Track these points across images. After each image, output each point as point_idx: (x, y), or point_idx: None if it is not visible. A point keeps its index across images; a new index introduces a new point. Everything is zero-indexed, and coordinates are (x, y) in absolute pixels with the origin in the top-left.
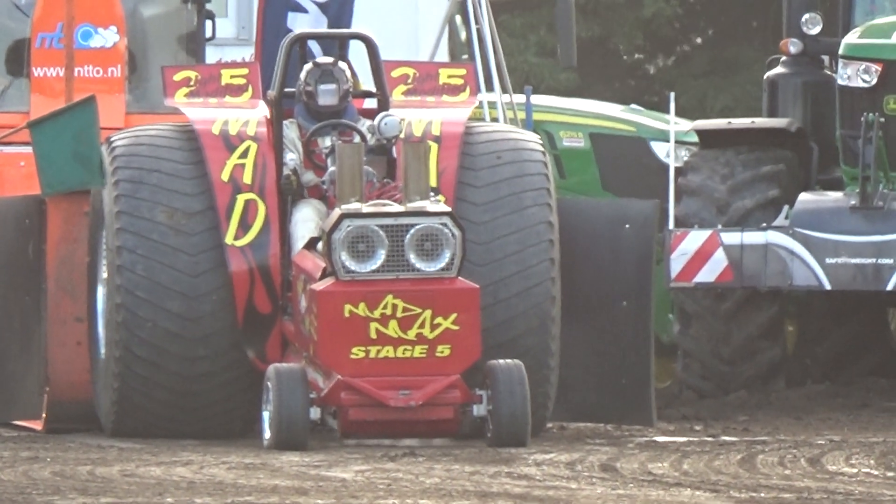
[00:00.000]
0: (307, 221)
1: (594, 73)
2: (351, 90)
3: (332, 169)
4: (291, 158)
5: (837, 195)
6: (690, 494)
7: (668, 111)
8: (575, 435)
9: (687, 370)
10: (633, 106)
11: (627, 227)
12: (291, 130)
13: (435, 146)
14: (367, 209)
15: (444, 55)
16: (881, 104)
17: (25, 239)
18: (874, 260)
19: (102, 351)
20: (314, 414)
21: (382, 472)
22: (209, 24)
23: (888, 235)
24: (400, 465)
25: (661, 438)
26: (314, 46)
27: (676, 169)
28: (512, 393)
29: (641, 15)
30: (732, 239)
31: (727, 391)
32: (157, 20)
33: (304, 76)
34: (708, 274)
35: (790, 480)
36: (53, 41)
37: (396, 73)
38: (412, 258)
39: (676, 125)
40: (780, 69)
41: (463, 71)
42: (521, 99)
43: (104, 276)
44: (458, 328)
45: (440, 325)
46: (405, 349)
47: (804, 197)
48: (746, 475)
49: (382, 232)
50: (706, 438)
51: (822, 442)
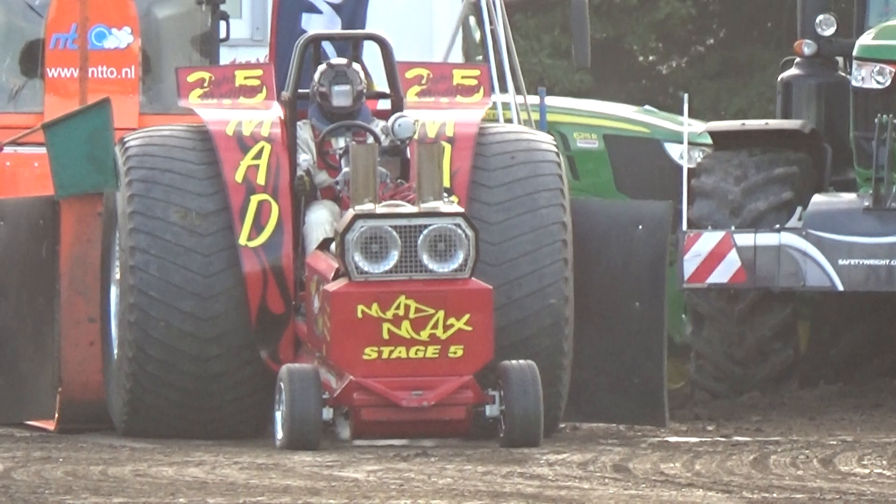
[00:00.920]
0: (321, 222)
1: (608, 74)
2: (365, 91)
3: (345, 170)
4: (305, 159)
5: (851, 196)
6: (703, 495)
7: (681, 112)
8: (587, 435)
9: (700, 371)
10: (646, 107)
11: (641, 228)
12: (305, 131)
13: (448, 147)
14: (380, 210)
15: (457, 56)
16: (895, 106)
17: (39, 240)
18: (887, 261)
19: (115, 351)
20: (327, 414)
21: (395, 472)
22: (223, 24)
23: None
24: (412, 465)
25: (673, 439)
26: (328, 47)
27: (690, 170)
28: (525, 393)
29: (655, 16)
30: (746, 240)
31: (740, 392)
32: (171, 21)
33: (317, 77)
34: (721, 275)
35: (803, 481)
36: (67, 42)
37: (410, 74)
38: (425, 259)
39: (690, 126)
40: (793, 70)
41: (477, 72)
42: (534, 100)
43: (117, 276)
44: (470, 329)
45: (453, 325)
46: (418, 350)
47: (817, 198)
48: (759, 476)
49: (396, 233)
50: (719, 439)
51: (834, 442)
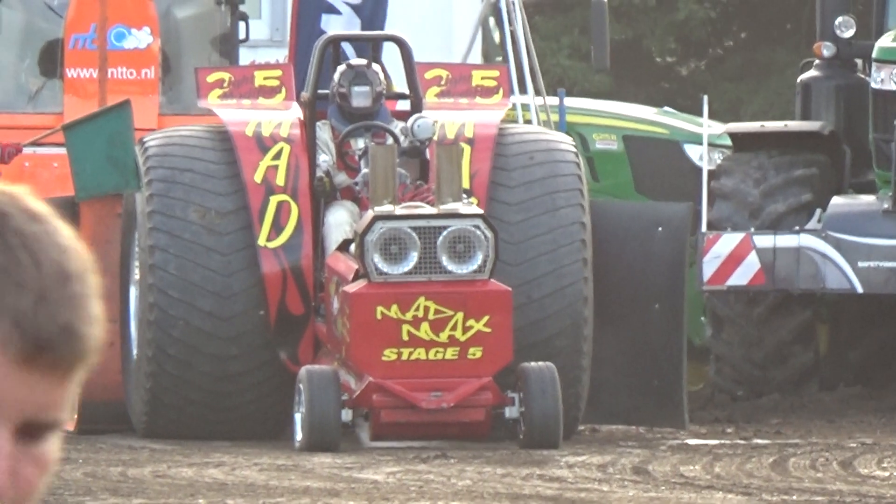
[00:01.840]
0: (340, 223)
1: (627, 75)
2: (384, 92)
3: (365, 170)
4: (324, 160)
5: (870, 198)
6: (722, 497)
7: (700, 114)
8: (607, 437)
9: (719, 374)
10: (666, 108)
11: (660, 229)
12: (324, 132)
13: (468, 148)
14: (399, 211)
15: (477, 57)
16: None
17: None
18: None
19: (135, 351)
20: (346, 416)
21: (414, 473)
22: (243, 25)
23: None
24: (431, 466)
25: (692, 441)
26: (347, 48)
27: (709, 172)
28: (544, 395)
29: (674, 18)
30: (765, 242)
31: (759, 395)
32: (190, 21)
33: (337, 78)
34: (740, 277)
35: (822, 483)
36: (87, 42)
37: (430, 74)
38: (444, 260)
39: (709, 128)
40: (813, 72)
41: (496, 73)
42: (554, 101)
43: (136, 277)
44: (490, 330)
45: (472, 327)
46: (437, 351)
47: (837, 200)
48: (778, 478)
49: (415, 234)
50: (738, 441)
51: (854, 445)
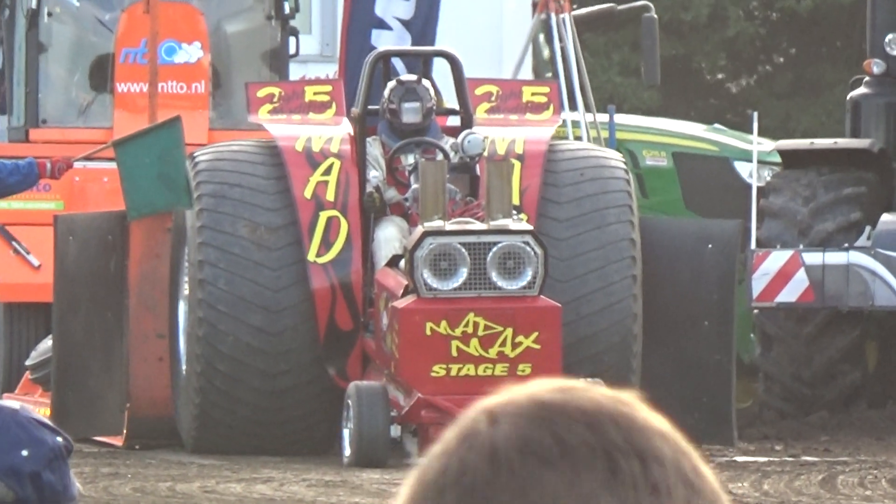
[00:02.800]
0: (390, 239)
1: (677, 92)
2: (434, 108)
3: (414, 186)
4: (374, 176)
5: None
6: None
7: (750, 131)
8: None
9: (768, 392)
10: (716, 125)
11: (710, 246)
12: (375, 148)
13: (518, 164)
14: (449, 227)
15: (527, 73)
16: None
17: (108, 255)
18: None
19: (184, 367)
20: (395, 432)
21: None
22: (293, 40)
23: None
24: None
25: (741, 458)
26: (398, 64)
27: (759, 189)
28: None
29: (724, 34)
30: (814, 259)
31: (808, 413)
32: (241, 36)
33: (387, 93)
34: (789, 294)
35: (871, 501)
36: (137, 57)
37: (480, 90)
38: (494, 276)
39: (759, 145)
40: (863, 89)
41: (546, 89)
42: (604, 118)
43: (185, 292)
44: (539, 347)
45: (521, 343)
46: (486, 367)
47: (886, 217)
48: (827, 496)
49: (465, 250)
50: (787, 459)
51: None
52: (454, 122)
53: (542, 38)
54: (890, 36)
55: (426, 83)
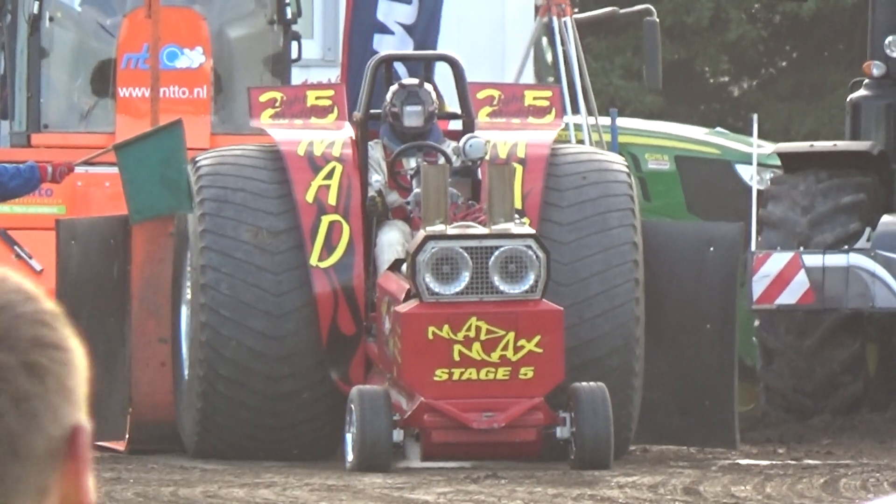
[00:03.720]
0: (392, 243)
1: (679, 95)
2: (436, 112)
3: (416, 190)
4: (377, 180)
5: None
6: None
7: (751, 134)
8: (658, 457)
9: (770, 403)
10: (718, 129)
11: (712, 249)
12: (377, 151)
13: (520, 168)
14: (451, 231)
15: (529, 77)
16: None
17: (110, 260)
18: None
19: (186, 371)
20: (397, 436)
21: (465, 493)
22: (295, 45)
23: None
24: (482, 487)
25: (744, 461)
26: (400, 68)
27: (759, 192)
28: (595, 415)
29: (726, 38)
30: (814, 261)
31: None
32: (243, 41)
33: (389, 97)
34: (790, 296)
35: None
36: (139, 62)
37: (482, 94)
38: (496, 280)
39: (760, 148)
40: (862, 91)
41: (548, 93)
42: (606, 121)
43: (188, 296)
44: (541, 350)
45: (524, 347)
46: (488, 371)
47: (886, 219)
48: (829, 499)
49: (467, 254)
50: (789, 462)
51: None
52: (456, 125)
53: (544, 41)
54: (890, 38)
55: (428, 87)
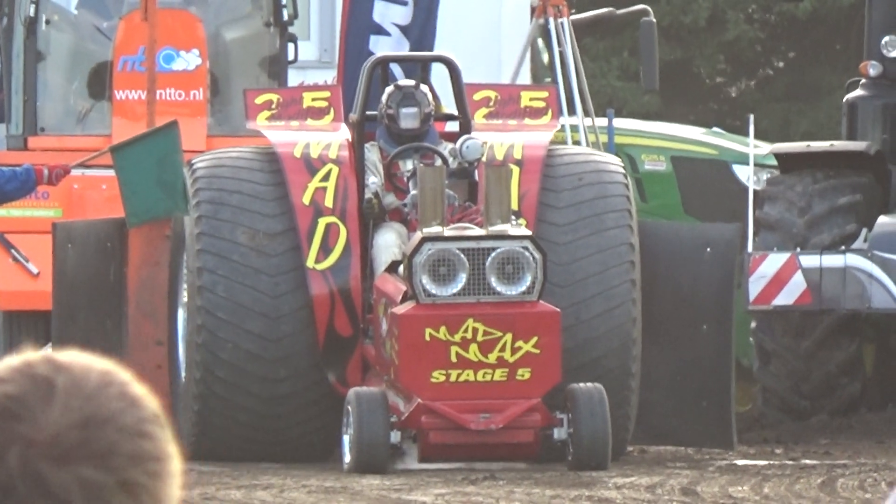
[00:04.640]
0: (389, 245)
1: (676, 96)
2: (433, 113)
3: (413, 192)
4: (373, 182)
5: None
6: None
7: (749, 134)
8: (655, 458)
9: (767, 404)
10: (714, 129)
11: (709, 250)
12: (373, 153)
13: (517, 170)
14: (448, 232)
15: (526, 78)
16: None
17: (107, 262)
18: None
19: (183, 374)
20: (395, 437)
21: (463, 495)
22: (291, 46)
23: None
24: (480, 488)
25: (741, 462)
26: (396, 69)
27: (756, 192)
28: (592, 416)
29: (723, 38)
30: (811, 262)
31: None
32: (239, 43)
33: (385, 99)
34: (786, 297)
35: None
36: (135, 64)
37: (478, 95)
38: (493, 282)
39: (757, 148)
40: (859, 92)
41: (545, 94)
42: (603, 122)
43: (185, 299)
44: (538, 352)
45: (521, 348)
46: (485, 373)
47: (883, 220)
48: (827, 499)
49: (463, 255)
50: (787, 462)
51: None
52: (452, 127)
53: (540, 42)
54: (886, 38)
55: (424, 88)
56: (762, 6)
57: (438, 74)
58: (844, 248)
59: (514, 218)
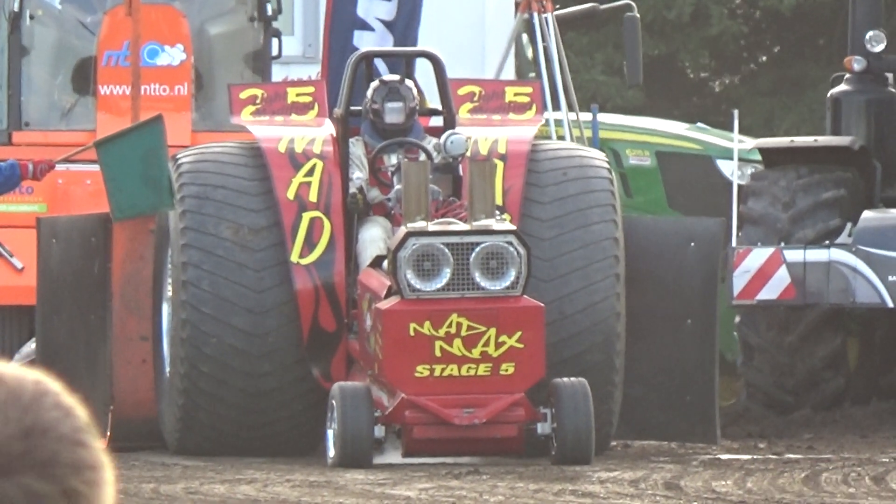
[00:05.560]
0: (374, 240)
1: (660, 91)
2: (417, 108)
3: (397, 187)
4: (358, 177)
5: None
6: None
7: (733, 129)
8: (639, 452)
9: (751, 398)
10: (699, 124)
11: (693, 245)
12: (358, 148)
13: (501, 164)
14: (432, 227)
15: (510, 73)
16: None
17: (91, 257)
18: None
19: (167, 368)
20: (379, 432)
21: (447, 489)
22: (275, 41)
23: None
24: (464, 482)
25: (725, 456)
26: (380, 64)
27: (741, 187)
28: (576, 411)
29: (707, 33)
30: (795, 256)
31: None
32: (223, 38)
33: (370, 94)
34: (771, 291)
35: (854, 499)
36: (120, 59)
37: (463, 90)
38: (477, 276)
39: (741, 143)
40: (843, 87)
41: (529, 89)
42: (587, 117)
43: (169, 294)
44: (522, 346)
45: (505, 343)
46: (469, 367)
47: (867, 215)
48: (811, 493)
49: (448, 250)
50: (770, 456)
51: (886, 460)
52: (437, 122)
53: (524, 37)
54: (870, 33)
55: (409, 83)
56: (746, 1)
57: (423, 70)
58: (828, 242)
59: (498, 213)
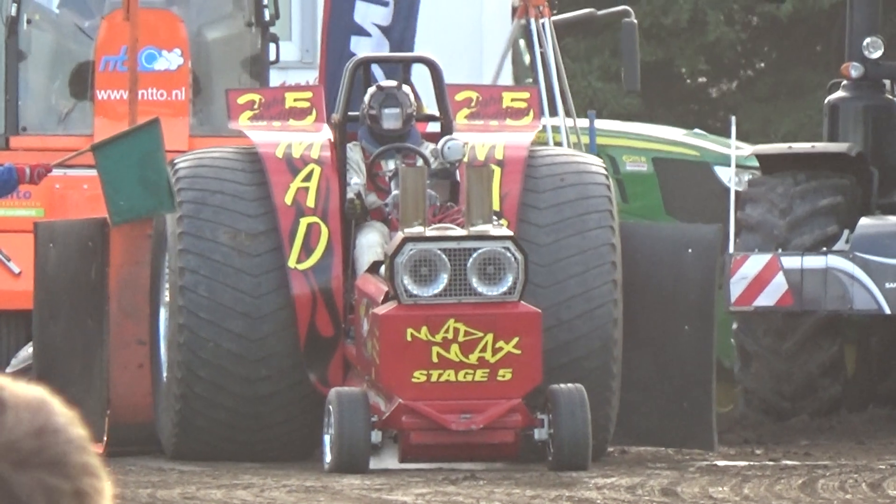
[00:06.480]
0: (371, 245)
1: (657, 97)
2: (414, 114)
3: (395, 192)
4: (355, 182)
5: None
6: None
7: (730, 135)
8: (636, 459)
9: (749, 405)
10: (696, 130)
11: (690, 251)
12: (355, 153)
13: (498, 170)
14: (429, 233)
15: (507, 79)
16: None
17: (88, 262)
18: None
19: (164, 373)
20: (375, 437)
21: (443, 495)
22: (273, 47)
23: None
24: (461, 488)
25: (721, 463)
26: (377, 70)
27: (738, 193)
28: (573, 416)
29: (705, 39)
30: (792, 263)
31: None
32: (221, 43)
33: (367, 100)
34: (768, 298)
35: None
36: (117, 64)
37: (460, 96)
38: (474, 282)
39: (738, 149)
40: (840, 93)
41: (526, 94)
42: (584, 123)
43: (166, 298)
44: (519, 352)
45: (502, 348)
46: (466, 373)
47: (864, 221)
48: (807, 500)
49: (445, 256)
50: (767, 463)
51: (883, 467)
52: (434, 128)
53: (521, 43)
54: (868, 39)
55: (406, 89)
56: (743, 7)
57: (420, 75)
58: (826, 249)
59: (495, 218)
